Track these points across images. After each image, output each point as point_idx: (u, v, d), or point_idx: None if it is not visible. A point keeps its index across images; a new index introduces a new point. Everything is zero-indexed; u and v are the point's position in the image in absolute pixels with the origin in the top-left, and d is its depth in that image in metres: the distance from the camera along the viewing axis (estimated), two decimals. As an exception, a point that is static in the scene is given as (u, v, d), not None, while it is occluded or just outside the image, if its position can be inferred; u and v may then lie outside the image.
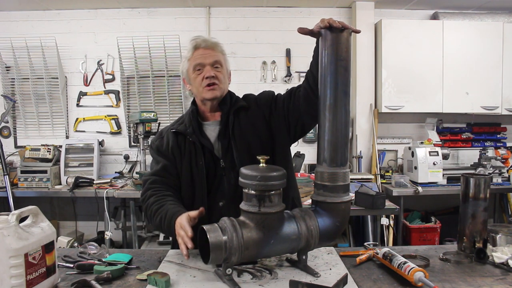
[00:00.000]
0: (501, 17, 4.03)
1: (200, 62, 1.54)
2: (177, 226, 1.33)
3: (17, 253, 1.04)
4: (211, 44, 1.57)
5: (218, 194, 1.55)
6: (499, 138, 4.21)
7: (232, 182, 1.53)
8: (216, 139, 1.58)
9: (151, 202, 1.49)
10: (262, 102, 1.62)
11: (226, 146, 1.55)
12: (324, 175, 1.27)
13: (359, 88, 4.03)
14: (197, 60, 1.54)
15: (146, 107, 4.04)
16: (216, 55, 1.56)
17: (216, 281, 1.24)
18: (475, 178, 1.43)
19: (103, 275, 1.24)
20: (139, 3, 4.00)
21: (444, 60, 3.84)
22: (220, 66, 1.57)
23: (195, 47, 1.56)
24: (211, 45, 1.57)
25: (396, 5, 4.10)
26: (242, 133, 1.55)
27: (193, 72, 1.56)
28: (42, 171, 3.62)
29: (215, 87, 1.54)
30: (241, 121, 1.57)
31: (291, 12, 4.15)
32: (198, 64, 1.54)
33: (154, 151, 1.64)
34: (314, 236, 1.25)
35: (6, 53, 3.96)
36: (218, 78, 1.54)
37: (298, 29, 1.34)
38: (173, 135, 1.60)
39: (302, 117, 1.50)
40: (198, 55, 1.55)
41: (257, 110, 1.60)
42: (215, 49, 1.57)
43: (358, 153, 4.03)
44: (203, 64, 1.54)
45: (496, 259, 1.36)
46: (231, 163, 1.53)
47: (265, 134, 1.56)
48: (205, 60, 1.54)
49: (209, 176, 1.55)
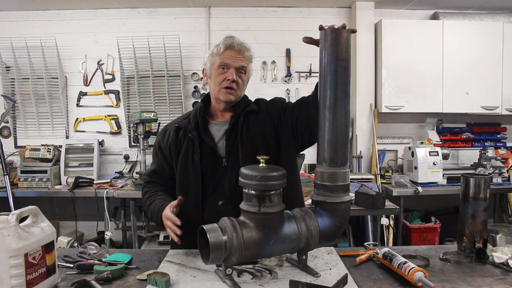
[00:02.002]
0: (501, 17, 4.03)
1: (228, 63, 1.54)
2: (164, 219, 1.44)
3: (17, 253, 1.04)
4: (244, 49, 1.57)
5: (218, 193, 1.55)
6: (499, 138, 4.21)
7: (233, 182, 1.53)
8: (220, 138, 1.59)
9: (145, 198, 1.64)
10: (272, 108, 1.62)
11: (230, 146, 1.55)
12: (324, 175, 1.27)
13: (359, 88, 4.03)
14: (226, 60, 1.54)
15: (146, 107, 4.04)
16: (244, 61, 1.57)
17: (216, 281, 1.24)
18: (475, 178, 1.43)
19: (103, 275, 1.24)
20: (139, 3, 4.00)
21: (444, 60, 3.84)
22: (244, 72, 1.58)
23: (228, 46, 1.55)
24: (244, 50, 1.57)
25: (396, 5, 4.10)
26: (250, 136, 1.55)
27: (217, 69, 1.56)
28: (42, 171, 3.62)
29: (232, 92, 1.55)
30: (250, 124, 1.58)
31: (291, 12, 4.15)
32: (225, 64, 1.54)
33: (155, 147, 1.70)
34: (314, 236, 1.25)
35: (6, 53, 3.96)
36: (238, 83, 1.55)
37: (303, 38, 1.36)
38: (174, 130, 1.62)
39: (310, 125, 1.48)
40: (229, 55, 1.55)
41: (266, 115, 1.60)
42: (245, 55, 1.57)
43: (358, 153, 4.03)
44: (230, 66, 1.54)
45: (496, 259, 1.37)
46: (233, 163, 1.53)
47: (272, 140, 1.56)
48: (233, 63, 1.54)
49: (207, 174, 1.55)
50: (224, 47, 1.55)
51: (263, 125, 1.58)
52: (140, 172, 3.74)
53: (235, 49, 1.55)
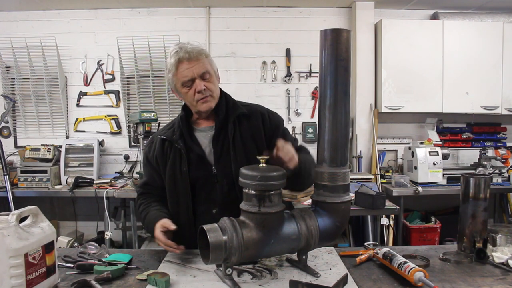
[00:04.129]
0: (501, 17, 4.03)
1: (188, 77, 1.45)
2: (159, 242, 1.40)
3: (17, 253, 1.04)
4: (195, 55, 1.44)
5: (210, 201, 1.51)
6: (499, 138, 4.21)
7: (224, 190, 1.50)
8: (208, 145, 1.54)
9: (141, 210, 1.60)
10: (268, 122, 1.57)
11: (219, 152, 1.51)
12: (324, 175, 1.27)
13: (359, 88, 4.03)
14: (185, 77, 1.45)
15: (146, 107, 4.04)
16: (202, 65, 1.46)
17: (216, 281, 1.24)
18: (475, 178, 1.43)
19: (103, 275, 1.24)
20: (139, 3, 4.00)
21: (444, 60, 3.84)
22: (209, 75, 1.48)
23: (178, 62, 1.45)
24: (196, 56, 1.44)
25: (396, 5, 4.10)
26: (242, 142, 1.51)
27: (183, 88, 1.48)
28: (42, 171, 3.62)
29: (208, 99, 1.48)
30: (242, 130, 1.53)
31: (291, 12, 4.14)
32: (186, 81, 1.46)
33: (144, 159, 1.66)
34: (314, 236, 1.25)
35: (6, 53, 3.96)
36: (210, 89, 1.48)
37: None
38: (160, 141, 1.57)
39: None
40: (184, 69, 1.45)
41: (259, 123, 1.55)
42: (200, 58, 1.46)
43: (358, 153, 4.03)
44: (192, 79, 1.45)
45: (496, 259, 1.37)
46: (224, 170, 1.50)
47: (263, 147, 1.50)
48: (192, 74, 1.45)
49: (198, 183, 1.52)
50: (175, 67, 1.46)
51: (255, 132, 1.54)
52: (140, 172, 3.74)
53: (186, 60, 1.44)
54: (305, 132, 4.12)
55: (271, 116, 1.60)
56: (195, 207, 1.52)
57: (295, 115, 4.15)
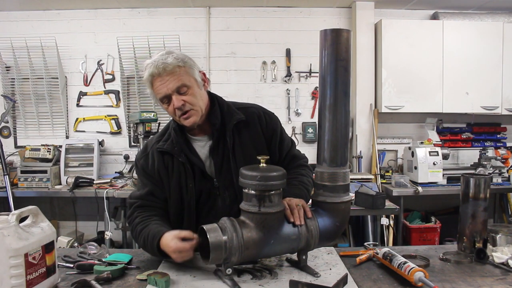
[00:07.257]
0: (501, 17, 4.03)
1: (163, 94, 1.36)
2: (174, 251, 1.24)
3: (17, 253, 1.04)
4: (168, 69, 1.33)
5: (211, 215, 1.43)
6: (499, 138, 4.21)
7: (227, 202, 1.46)
8: (207, 157, 1.47)
9: (136, 223, 1.42)
10: (265, 124, 1.51)
11: (219, 164, 1.45)
12: (324, 175, 1.27)
13: (359, 88, 4.03)
14: (160, 94, 1.36)
15: (146, 107, 4.04)
16: (177, 78, 1.34)
17: (216, 281, 1.24)
18: (475, 178, 1.43)
19: (103, 275, 1.24)
20: (139, 3, 4.00)
21: (444, 60, 3.84)
22: (187, 87, 1.36)
23: (151, 77, 1.36)
24: (169, 70, 1.33)
25: (396, 5, 4.10)
26: (243, 151, 1.45)
27: (163, 104, 1.40)
28: (42, 171, 3.61)
29: (190, 113, 1.38)
30: (242, 138, 1.47)
31: (291, 12, 4.14)
32: (162, 98, 1.37)
33: (140, 171, 1.52)
34: (314, 236, 1.25)
35: (6, 53, 3.96)
36: (190, 103, 1.37)
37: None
38: (158, 154, 1.47)
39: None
40: (157, 86, 1.36)
41: (258, 128, 1.50)
42: (174, 71, 1.34)
43: (358, 153, 4.03)
44: (168, 95, 1.36)
45: (496, 259, 1.36)
46: (225, 182, 1.45)
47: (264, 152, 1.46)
48: (167, 90, 1.35)
49: (202, 197, 1.46)
50: (149, 83, 1.38)
51: (255, 138, 1.48)
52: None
53: (157, 76, 1.34)
54: (305, 132, 4.12)
55: (268, 118, 1.54)
56: (198, 221, 1.47)
57: (295, 115, 4.15)
